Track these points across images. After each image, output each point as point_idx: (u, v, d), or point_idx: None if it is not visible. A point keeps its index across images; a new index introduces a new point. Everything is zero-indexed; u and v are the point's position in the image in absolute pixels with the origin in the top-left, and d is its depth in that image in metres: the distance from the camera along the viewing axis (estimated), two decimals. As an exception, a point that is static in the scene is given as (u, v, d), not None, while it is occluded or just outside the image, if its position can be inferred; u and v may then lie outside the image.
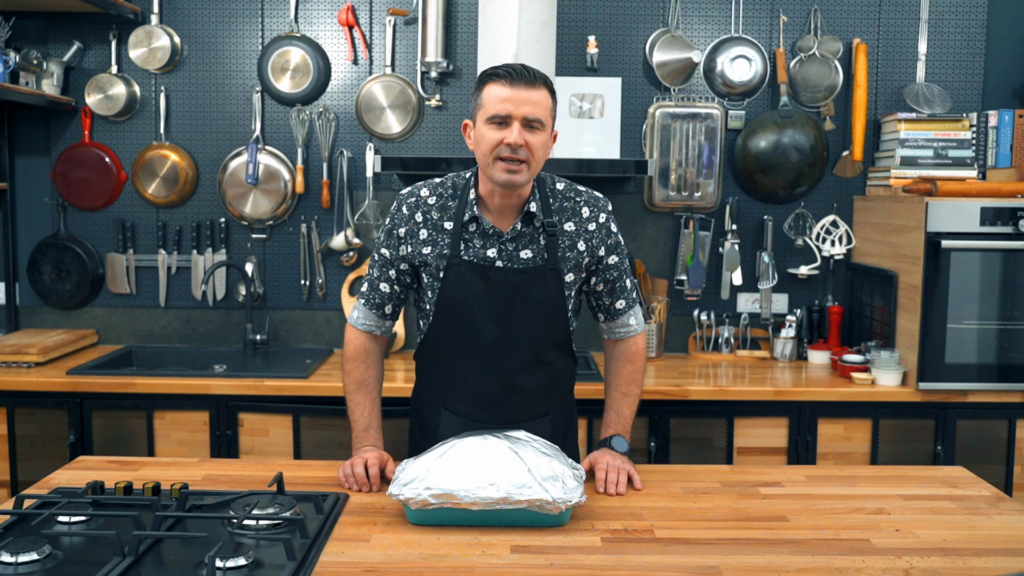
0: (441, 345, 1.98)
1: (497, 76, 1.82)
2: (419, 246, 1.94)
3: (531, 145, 1.81)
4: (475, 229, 1.92)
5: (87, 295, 3.42)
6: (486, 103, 1.82)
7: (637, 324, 2.06)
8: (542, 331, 1.96)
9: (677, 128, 3.30)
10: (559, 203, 1.96)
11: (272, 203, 3.36)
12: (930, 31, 3.37)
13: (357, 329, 2.04)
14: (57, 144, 3.39)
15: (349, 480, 1.85)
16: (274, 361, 3.29)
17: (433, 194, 1.96)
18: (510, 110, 1.79)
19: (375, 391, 2.03)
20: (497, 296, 1.91)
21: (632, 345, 2.06)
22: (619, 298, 2.03)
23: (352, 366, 2.02)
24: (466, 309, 1.92)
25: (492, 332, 1.92)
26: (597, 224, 1.97)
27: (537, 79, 1.82)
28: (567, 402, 2.11)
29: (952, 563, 1.51)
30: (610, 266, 2.00)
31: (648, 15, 3.36)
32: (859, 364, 3.02)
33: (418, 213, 1.95)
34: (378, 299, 2.01)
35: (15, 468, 2.91)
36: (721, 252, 3.38)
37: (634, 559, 1.52)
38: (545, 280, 1.92)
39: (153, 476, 1.88)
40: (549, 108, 1.85)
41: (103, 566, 1.40)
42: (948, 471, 2.05)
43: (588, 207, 1.98)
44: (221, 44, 3.37)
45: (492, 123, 1.82)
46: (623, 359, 2.06)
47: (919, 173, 3.11)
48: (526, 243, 1.92)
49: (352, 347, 2.03)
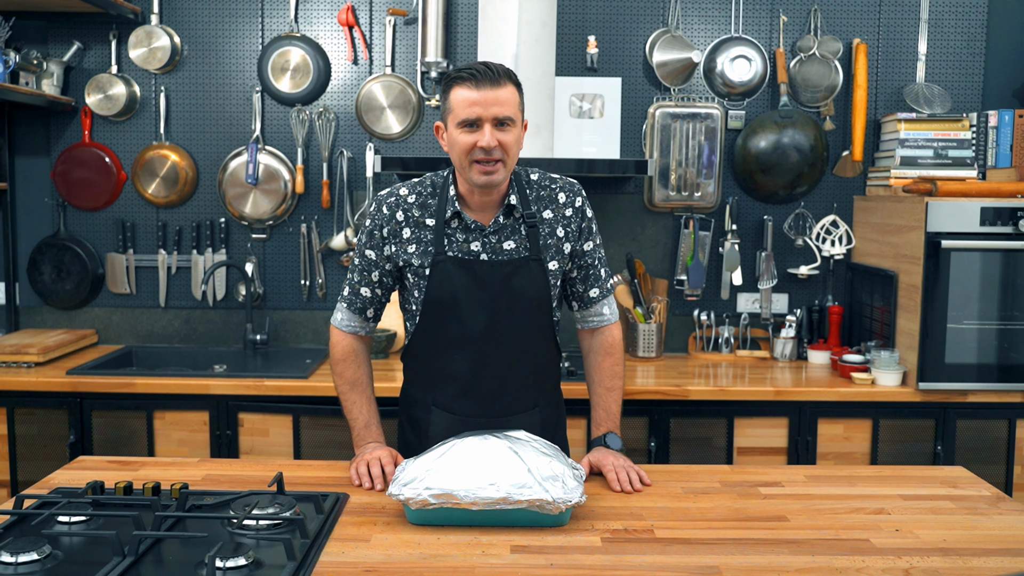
0: (430, 343, 1.99)
1: (462, 79, 1.82)
2: (403, 245, 1.95)
3: (504, 144, 1.83)
4: (457, 225, 1.93)
5: (87, 295, 3.42)
6: (455, 107, 1.83)
7: (611, 313, 2.07)
8: (529, 322, 1.97)
9: (677, 128, 3.30)
10: (536, 193, 1.98)
11: (272, 203, 3.36)
12: (930, 31, 3.37)
13: (342, 331, 2.04)
14: (57, 144, 3.40)
15: (363, 479, 1.86)
16: (274, 361, 3.29)
17: (412, 192, 1.97)
18: (479, 113, 1.81)
19: (369, 388, 2.04)
20: (484, 290, 1.92)
21: (608, 336, 2.06)
22: (593, 286, 2.04)
23: (343, 367, 2.03)
24: (453, 305, 1.93)
25: (480, 325, 1.93)
26: (574, 209, 1.99)
27: (501, 76, 1.82)
28: (555, 394, 2.12)
29: (952, 563, 1.51)
30: (585, 252, 2.01)
31: (648, 15, 3.36)
32: (859, 364, 3.02)
33: (399, 212, 1.95)
34: (359, 303, 2.02)
35: (15, 468, 2.91)
36: (721, 252, 3.38)
37: (634, 559, 1.52)
38: (530, 271, 1.94)
39: (153, 476, 1.88)
40: (517, 103, 1.86)
41: (103, 566, 1.40)
42: (948, 471, 2.05)
43: (564, 192, 1.99)
44: (221, 44, 3.37)
45: (463, 127, 1.83)
46: (601, 352, 2.06)
47: (919, 173, 3.11)
48: (508, 235, 1.94)
49: (339, 349, 2.04)
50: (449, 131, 1.87)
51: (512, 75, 1.86)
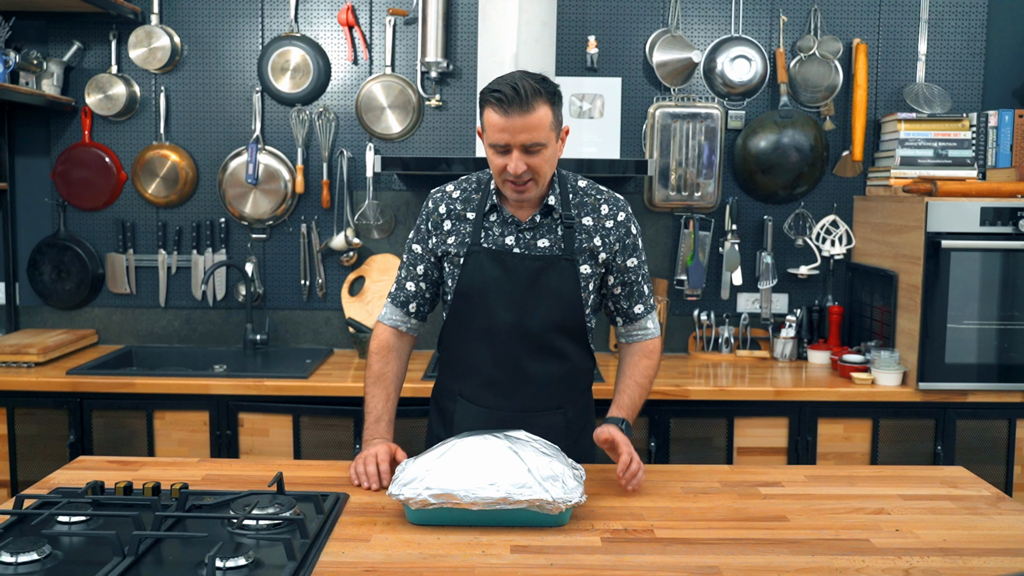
0: (459, 332, 2.01)
1: (491, 101, 1.81)
2: (444, 236, 1.99)
3: (534, 167, 1.84)
4: (495, 219, 1.97)
5: (87, 295, 3.42)
6: (487, 128, 1.85)
7: (654, 328, 2.09)
8: (555, 319, 1.97)
9: (677, 128, 3.30)
10: (579, 198, 1.99)
11: (272, 203, 3.36)
12: (930, 31, 3.37)
13: (383, 324, 2.08)
14: (57, 144, 3.39)
15: (361, 478, 1.86)
16: (274, 361, 3.29)
17: (458, 188, 2.03)
18: (508, 140, 1.81)
19: (391, 386, 2.04)
20: (513, 282, 1.94)
21: (650, 344, 2.08)
22: (637, 302, 2.05)
23: (373, 359, 2.05)
24: (482, 295, 1.95)
25: (505, 316, 1.95)
26: (615, 222, 1.99)
27: (531, 98, 1.78)
28: (584, 399, 2.11)
29: (952, 563, 1.51)
30: (628, 268, 2.02)
31: (648, 15, 3.36)
32: (859, 364, 3.02)
33: (442, 205, 2.01)
34: (403, 297, 2.06)
35: (15, 468, 2.91)
36: (721, 252, 3.38)
37: (634, 559, 1.52)
38: (561, 269, 1.95)
39: (153, 476, 1.88)
40: (549, 124, 1.83)
41: (103, 566, 1.40)
42: (948, 471, 2.05)
43: (607, 205, 2.00)
44: (221, 44, 3.37)
45: (494, 149, 1.85)
46: (640, 354, 2.07)
47: (919, 173, 3.11)
48: (544, 233, 1.96)
49: (376, 342, 2.07)
50: (485, 145, 1.89)
51: (545, 90, 1.82)
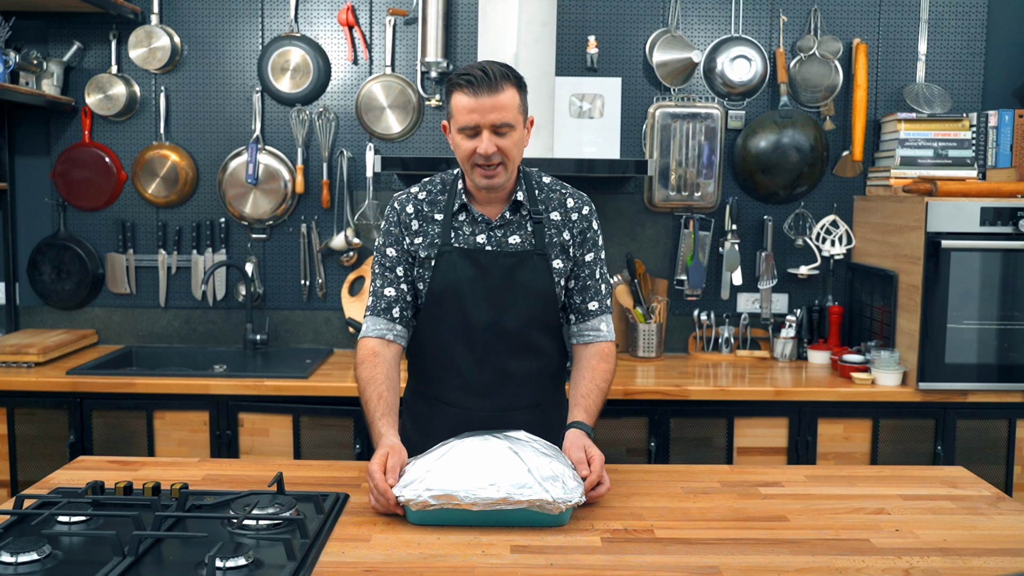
0: (434, 335, 1.99)
1: (460, 85, 1.83)
2: (412, 237, 1.98)
3: (504, 148, 1.85)
4: (464, 218, 1.96)
5: (87, 295, 3.42)
6: (455, 112, 1.85)
7: (607, 331, 2.03)
8: (531, 315, 1.96)
9: (677, 128, 3.30)
10: (545, 194, 2.00)
11: (272, 203, 3.36)
12: (930, 31, 3.37)
13: (367, 337, 1.99)
14: (57, 144, 3.39)
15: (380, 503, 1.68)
16: (274, 361, 3.29)
17: (423, 190, 2.01)
18: (477, 120, 1.82)
19: (382, 384, 1.93)
20: (487, 280, 1.93)
21: (605, 347, 2.02)
22: (592, 299, 2.02)
23: (360, 370, 1.96)
24: (457, 295, 1.94)
25: (482, 316, 1.94)
26: (580, 215, 2.00)
27: (499, 80, 1.82)
28: (558, 394, 2.11)
29: (952, 563, 1.51)
30: (585, 262, 2.01)
31: (648, 15, 3.36)
32: (859, 364, 3.02)
33: (409, 206, 1.99)
34: (384, 304, 1.99)
35: (15, 468, 2.91)
36: (721, 252, 3.38)
37: (634, 559, 1.52)
38: (534, 265, 1.95)
39: (153, 476, 1.88)
40: (517, 106, 1.86)
41: (103, 566, 1.40)
42: (948, 471, 2.05)
43: (573, 199, 2.02)
44: (221, 44, 3.37)
45: (463, 133, 1.85)
46: (597, 357, 2.00)
47: (919, 173, 3.11)
48: (514, 229, 1.96)
49: (360, 354, 1.98)
50: (452, 133, 1.90)
51: (512, 75, 1.87)
